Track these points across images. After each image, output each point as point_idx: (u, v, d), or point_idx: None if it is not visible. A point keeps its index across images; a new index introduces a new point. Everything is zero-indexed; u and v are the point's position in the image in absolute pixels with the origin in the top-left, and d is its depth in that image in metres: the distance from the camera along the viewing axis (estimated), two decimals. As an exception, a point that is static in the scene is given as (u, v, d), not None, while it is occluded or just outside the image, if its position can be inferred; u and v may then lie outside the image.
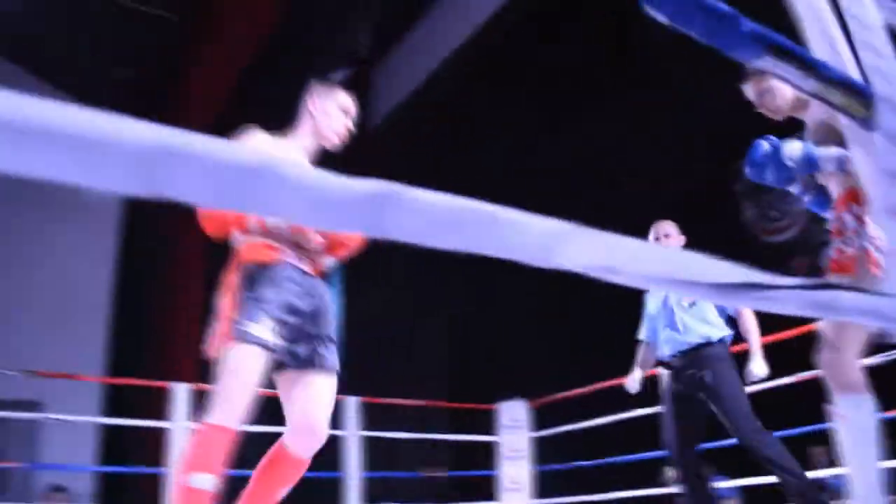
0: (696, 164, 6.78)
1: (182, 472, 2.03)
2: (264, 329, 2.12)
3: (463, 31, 7.52)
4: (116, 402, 7.49)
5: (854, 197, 2.22)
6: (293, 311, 2.21)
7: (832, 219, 2.34)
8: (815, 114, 2.41)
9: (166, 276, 7.84)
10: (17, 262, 8.24)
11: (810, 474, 4.11)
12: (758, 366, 3.60)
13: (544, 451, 5.95)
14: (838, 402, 2.25)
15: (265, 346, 2.11)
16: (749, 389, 3.71)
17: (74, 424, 7.19)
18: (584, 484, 5.72)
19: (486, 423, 6.07)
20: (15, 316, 7.94)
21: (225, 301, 2.20)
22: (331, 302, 2.38)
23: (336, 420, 5.42)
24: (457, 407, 6.90)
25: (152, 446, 7.05)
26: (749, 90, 2.60)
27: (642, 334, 4.13)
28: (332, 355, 2.32)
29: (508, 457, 5.80)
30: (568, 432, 5.70)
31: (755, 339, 3.69)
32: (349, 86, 7.37)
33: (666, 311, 3.84)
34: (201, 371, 7.08)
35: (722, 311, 3.76)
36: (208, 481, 2.02)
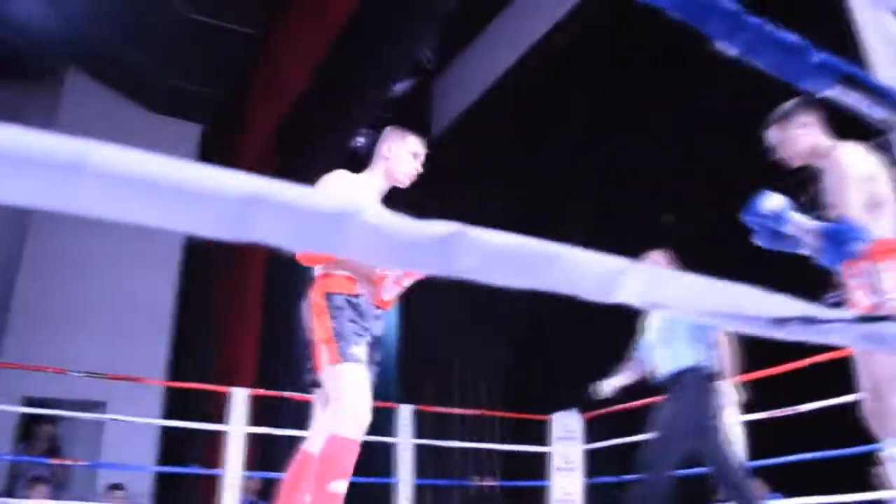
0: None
1: (322, 481, 2.26)
2: (362, 351, 2.42)
3: (524, 40, 7.53)
4: (177, 405, 7.67)
5: (877, 254, 2.32)
6: (372, 338, 2.54)
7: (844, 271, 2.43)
8: (827, 168, 2.55)
9: (228, 286, 8.03)
10: (88, 268, 8.53)
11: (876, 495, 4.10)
12: (731, 392, 3.82)
13: (597, 463, 5.90)
14: (887, 446, 2.31)
15: (364, 365, 2.42)
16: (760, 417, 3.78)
17: (136, 425, 7.41)
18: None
19: (539, 433, 6.05)
20: (83, 320, 8.22)
21: (322, 325, 2.44)
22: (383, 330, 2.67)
23: (389, 427, 5.49)
24: (510, 416, 6.88)
25: (210, 449, 7.22)
26: (772, 135, 2.72)
27: (636, 351, 4.20)
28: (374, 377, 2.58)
29: (561, 468, 5.77)
30: (621, 445, 5.64)
31: (729, 367, 3.85)
32: (412, 97, 7.47)
33: (663, 332, 3.93)
34: (259, 377, 7.22)
35: (702, 337, 3.82)
36: (343, 486, 2.29)
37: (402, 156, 2.76)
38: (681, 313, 0.59)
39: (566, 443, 5.83)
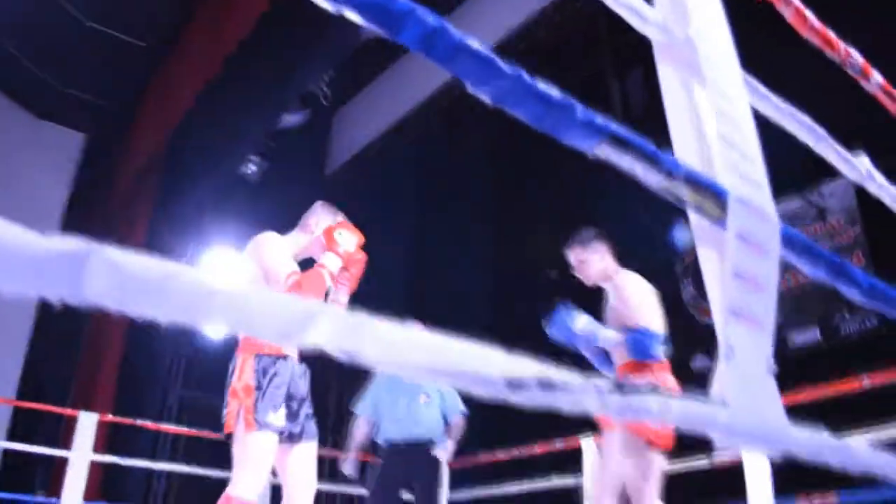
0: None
1: None
2: (278, 418, 2.58)
3: (429, 85, 7.56)
4: (26, 427, 7.17)
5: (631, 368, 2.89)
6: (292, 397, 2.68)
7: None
8: (609, 292, 3.16)
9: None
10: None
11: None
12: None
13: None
14: None
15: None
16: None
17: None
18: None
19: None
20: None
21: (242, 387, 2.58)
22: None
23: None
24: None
25: (57, 476, 6.76)
26: (572, 255, 3.21)
27: (363, 409, 4.37)
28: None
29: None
30: (485, 497, 5.59)
31: (452, 446, 4.58)
32: (307, 129, 7.36)
33: (405, 393, 4.31)
34: (118, 403, 6.84)
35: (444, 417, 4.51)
36: None
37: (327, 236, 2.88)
38: (385, 367, 0.53)
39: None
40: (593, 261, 3.19)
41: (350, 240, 2.81)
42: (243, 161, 7.46)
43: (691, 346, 5.99)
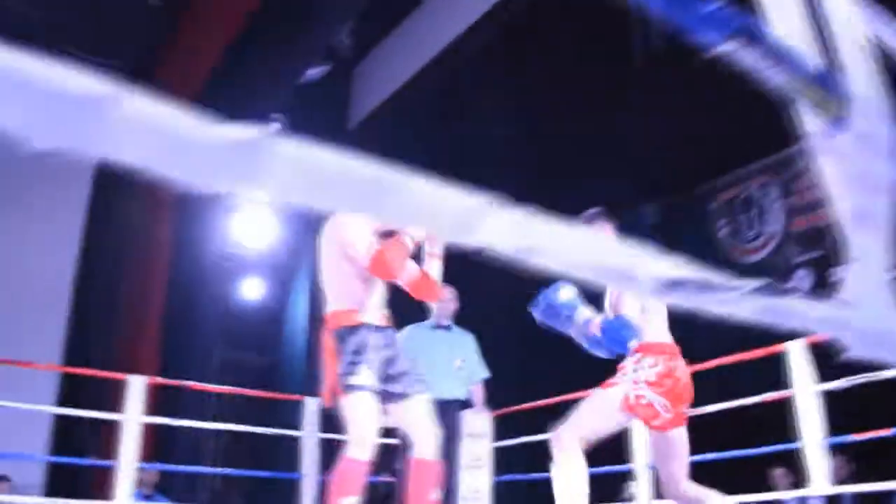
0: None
1: (332, 498, 2.60)
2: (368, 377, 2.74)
3: (448, 34, 7.45)
4: (75, 393, 7.31)
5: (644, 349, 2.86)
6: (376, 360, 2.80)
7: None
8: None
9: (131, 269, 7.71)
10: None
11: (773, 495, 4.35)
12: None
13: (505, 461, 5.88)
14: None
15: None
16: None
17: (26, 414, 7.02)
18: (543, 496, 5.66)
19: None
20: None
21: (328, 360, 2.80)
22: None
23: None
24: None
25: (108, 439, 6.90)
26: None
27: None
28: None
29: (469, 465, 5.71)
30: (530, 443, 5.63)
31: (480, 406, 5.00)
32: (328, 83, 7.30)
33: (438, 356, 4.54)
34: (163, 365, 6.95)
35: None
36: (355, 502, 2.60)
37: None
38: (551, 264, 0.51)
39: (474, 440, 5.79)
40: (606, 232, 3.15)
41: None
42: (266, 119, 7.42)
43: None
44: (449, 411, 4.54)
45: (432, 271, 2.97)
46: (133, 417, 4.79)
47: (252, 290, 8.34)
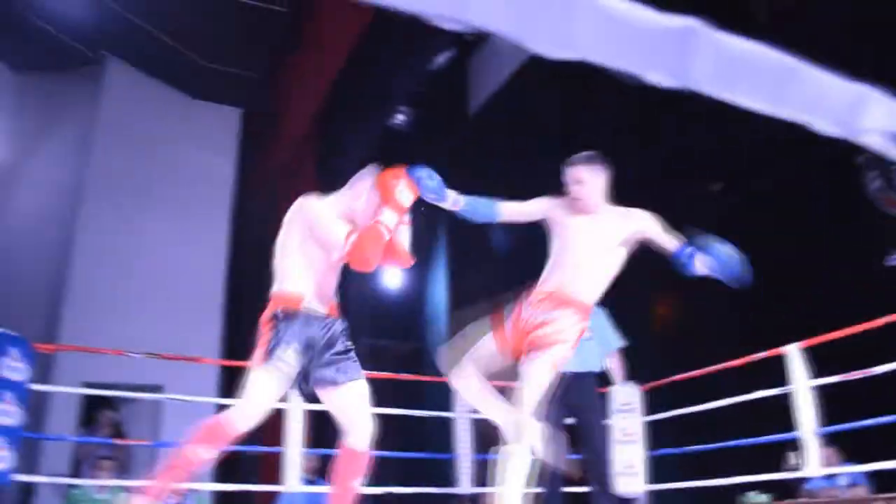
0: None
1: (191, 445, 2.57)
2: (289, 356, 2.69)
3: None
4: (232, 384, 7.73)
5: None
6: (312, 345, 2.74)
7: None
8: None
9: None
10: (138, 252, 8.63)
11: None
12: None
13: (657, 434, 5.81)
14: None
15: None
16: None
17: (194, 406, 7.50)
18: (700, 468, 5.58)
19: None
20: (136, 304, 8.33)
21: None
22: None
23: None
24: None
25: (266, 427, 7.25)
26: (570, 172, 3.15)
27: None
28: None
29: (621, 441, 5.69)
30: (681, 416, 5.54)
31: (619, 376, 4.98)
32: (448, 73, 7.31)
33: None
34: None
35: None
36: (206, 454, 2.57)
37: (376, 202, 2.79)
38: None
39: (625, 415, 5.75)
40: (596, 185, 3.11)
41: (408, 195, 2.73)
42: (394, 112, 7.57)
43: (882, 243, 5.67)
44: (583, 384, 4.44)
45: (403, 239, 2.91)
46: (296, 405, 5.01)
47: (392, 278, 8.57)
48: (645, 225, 3.05)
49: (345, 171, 8.17)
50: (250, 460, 7.38)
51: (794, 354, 4.46)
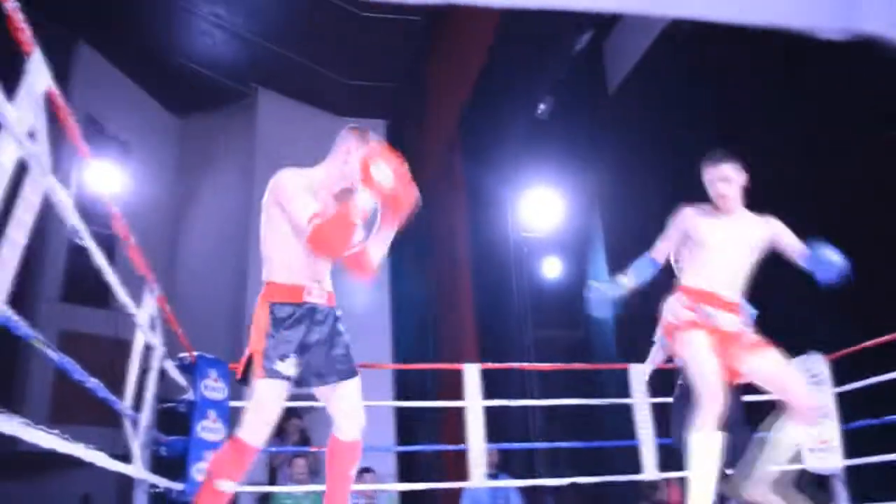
0: None
1: (211, 476, 2.51)
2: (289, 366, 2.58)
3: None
4: (407, 388, 7.99)
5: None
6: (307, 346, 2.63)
7: None
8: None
9: (441, 271, 8.23)
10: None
11: None
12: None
13: (850, 407, 5.47)
14: None
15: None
16: None
17: (373, 410, 7.82)
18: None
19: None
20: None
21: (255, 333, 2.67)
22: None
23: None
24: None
25: (442, 426, 7.45)
26: (726, 168, 3.22)
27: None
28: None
29: (811, 415, 5.40)
30: (876, 385, 5.18)
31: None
32: (584, 55, 7.17)
33: None
34: (480, 353, 7.36)
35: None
36: (231, 487, 2.50)
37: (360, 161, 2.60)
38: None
39: (814, 388, 5.46)
40: (740, 183, 3.22)
41: (386, 173, 2.50)
42: (537, 103, 7.56)
43: None
44: None
45: (382, 243, 2.75)
46: (475, 403, 5.12)
47: (551, 269, 8.57)
48: (781, 230, 3.25)
49: (493, 166, 8.30)
50: (432, 458, 7.60)
51: None
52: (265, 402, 2.54)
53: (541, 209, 7.33)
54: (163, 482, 4.09)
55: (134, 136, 9.76)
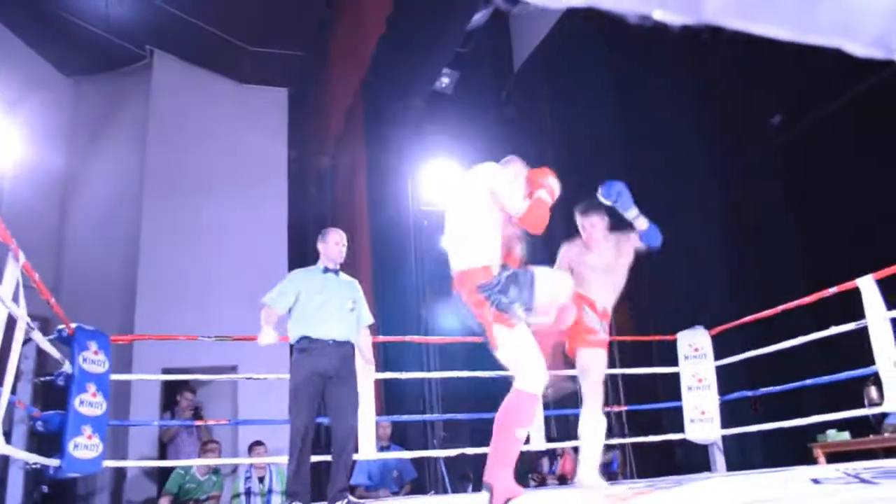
0: None
1: (508, 429, 2.68)
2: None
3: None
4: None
5: None
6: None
7: None
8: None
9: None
10: (201, 238, 8.87)
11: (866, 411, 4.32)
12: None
13: (729, 378, 5.74)
14: None
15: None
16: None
17: (268, 385, 7.71)
18: (776, 410, 5.50)
19: (667, 354, 5.95)
20: (206, 290, 8.57)
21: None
22: None
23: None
24: (635, 340, 6.76)
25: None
26: (590, 220, 4.06)
27: (279, 302, 4.45)
28: None
29: (692, 387, 5.65)
30: (753, 359, 5.45)
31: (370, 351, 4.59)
32: (487, 28, 7.13)
33: (332, 298, 4.33)
34: (378, 326, 7.27)
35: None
36: (525, 433, 2.75)
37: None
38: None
39: (695, 361, 5.69)
40: (601, 227, 4.06)
41: (555, 182, 3.09)
42: (438, 75, 7.53)
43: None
44: (343, 351, 4.26)
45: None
46: (368, 377, 5.10)
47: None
48: (624, 238, 4.07)
49: (394, 137, 8.24)
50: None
51: (868, 286, 4.31)
52: (525, 348, 2.76)
53: (442, 183, 7.32)
54: (39, 459, 3.91)
55: (19, 96, 9.23)
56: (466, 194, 3.03)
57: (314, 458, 4.24)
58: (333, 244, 4.41)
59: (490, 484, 2.62)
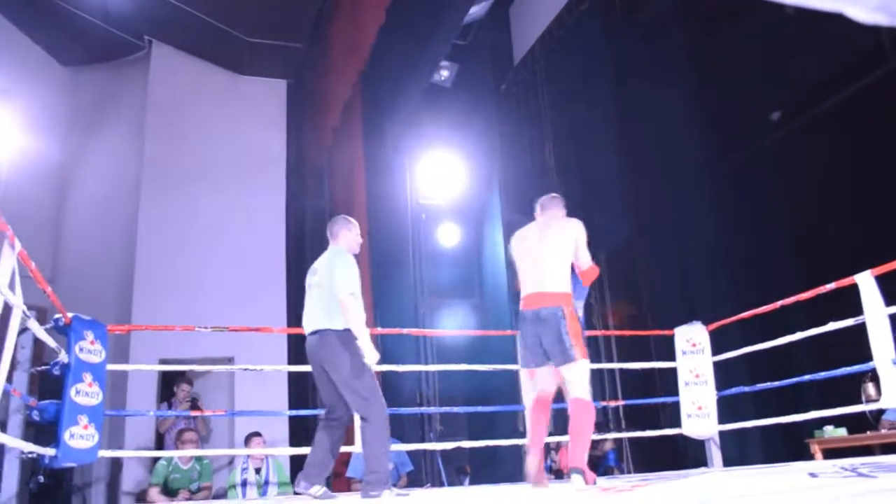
0: None
1: (589, 427, 3.69)
2: None
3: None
4: (300, 352, 7.89)
5: None
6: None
7: None
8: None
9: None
10: (198, 228, 8.84)
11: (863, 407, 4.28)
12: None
13: (726, 374, 5.74)
14: None
15: None
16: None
17: (266, 376, 7.71)
18: (774, 406, 5.50)
19: (665, 349, 5.95)
20: (202, 281, 8.55)
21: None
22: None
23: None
24: (634, 335, 6.75)
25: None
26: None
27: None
28: None
29: (689, 382, 5.64)
30: (752, 354, 5.44)
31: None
32: (487, 21, 7.13)
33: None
34: (375, 319, 7.24)
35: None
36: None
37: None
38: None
39: (693, 356, 5.69)
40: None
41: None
42: (437, 68, 7.49)
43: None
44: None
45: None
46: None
47: (449, 235, 8.59)
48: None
49: (392, 130, 8.21)
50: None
51: (866, 282, 4.30)
52: (588, 374, 3.76)
53: (440, 177, 7.30)
54: (34, 448, 3.90)
55: (15, 85, 9.19)
56: (560, 234, 3.89)
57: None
58: (356, 234, 4.34)
59: (581, 469, 3.52)
